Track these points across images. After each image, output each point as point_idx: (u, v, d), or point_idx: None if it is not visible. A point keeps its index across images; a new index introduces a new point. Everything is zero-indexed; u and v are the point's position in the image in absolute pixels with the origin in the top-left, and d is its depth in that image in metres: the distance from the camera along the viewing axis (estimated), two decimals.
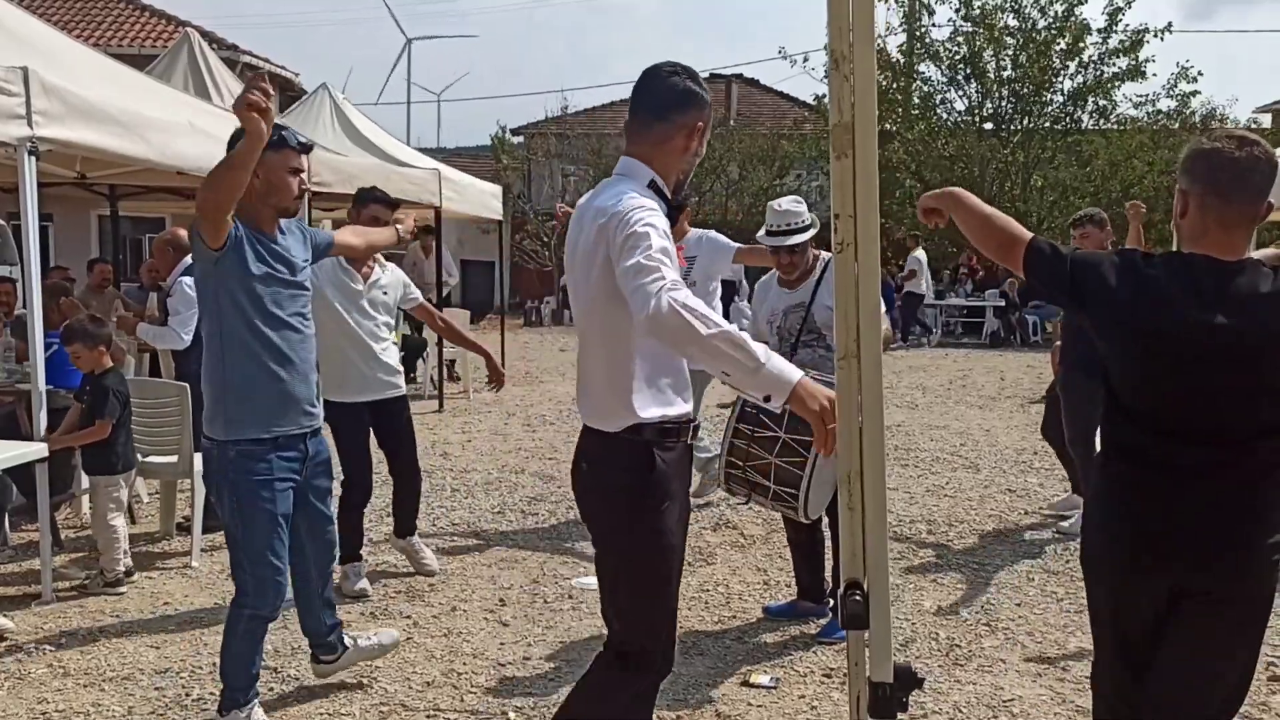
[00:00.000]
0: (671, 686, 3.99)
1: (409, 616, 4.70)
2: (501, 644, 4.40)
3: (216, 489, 3.40)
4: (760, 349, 2.28)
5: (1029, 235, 2.52)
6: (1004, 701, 3.90)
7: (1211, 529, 2.37)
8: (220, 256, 3.26)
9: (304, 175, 3.50)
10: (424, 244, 13.26)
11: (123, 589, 4.96)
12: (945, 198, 2.66)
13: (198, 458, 5.21)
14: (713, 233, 6.31)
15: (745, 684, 4.02)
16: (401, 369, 5.16)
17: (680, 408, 2.68)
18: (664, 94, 2.66)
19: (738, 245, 6.27)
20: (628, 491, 2.63)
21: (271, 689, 3.90)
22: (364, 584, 4.98)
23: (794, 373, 2.28)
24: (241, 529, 3.36)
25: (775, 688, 4.00)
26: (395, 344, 10.99)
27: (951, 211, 2.63)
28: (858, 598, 1.75)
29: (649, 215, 2.47)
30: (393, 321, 5.11)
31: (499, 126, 30.52)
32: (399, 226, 4.34)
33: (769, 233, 4.60)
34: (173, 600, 4.91)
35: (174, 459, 5.60)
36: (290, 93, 22.61)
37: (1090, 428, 6.08)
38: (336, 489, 4.14)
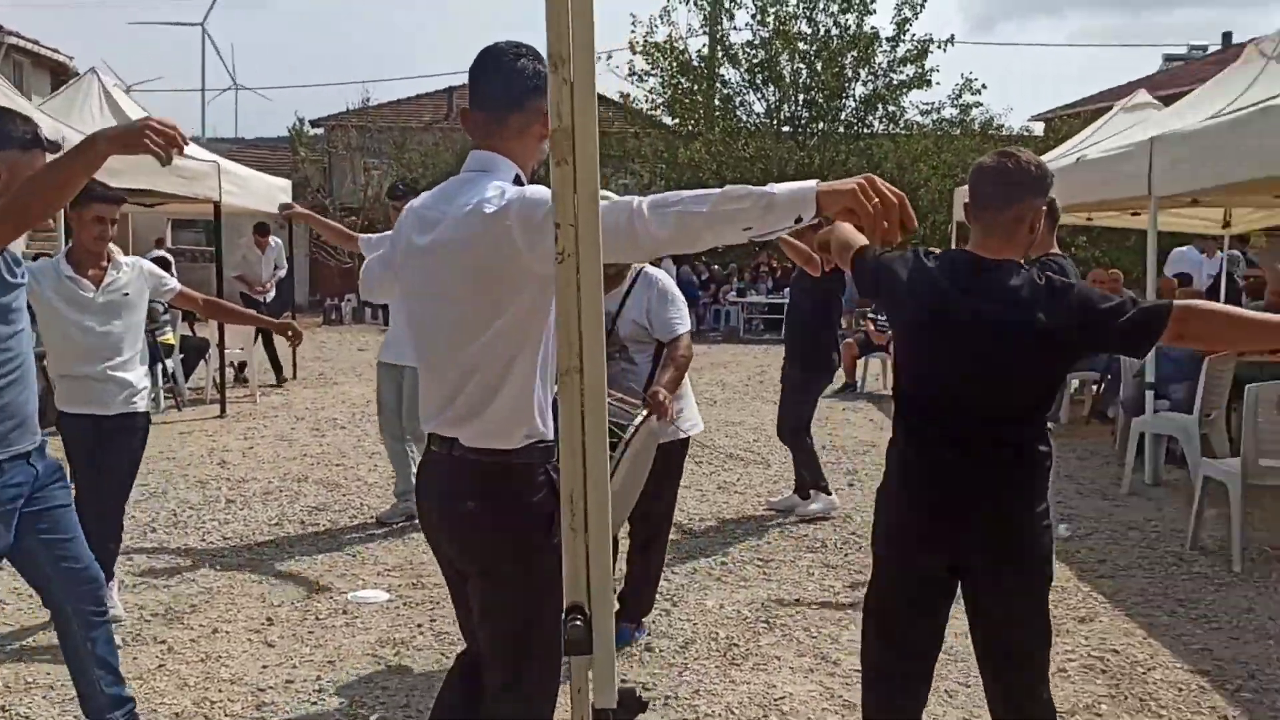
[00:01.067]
0: None
1: (164, 642, 4.39)
2: (264, 667, 4.16)
3: None
4: (756, 189, 2.08)
5: (859, 244, 2.82)
6: (775, 700, 3.94)
7: (982, 505, 2.63)
8: None
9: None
10: (257, 240, 12.83)
11: None
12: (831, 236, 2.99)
13: None
14: None
15: None
16: (144, 385, 4.63)
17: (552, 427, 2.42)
18: (517, 79, 2.39)
19: None
20: (535, 521, 2.34)
21: None
22: (115, 607, 4.61)
23: (805, 182, 2.08)
24: None
25: None
26: (172, 345, 10.34)
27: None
28: (579, 622, 1.68)
29: (542, 189, 2.25)
30: (142, 322, 4.63)
31: (297, 118, 29.39)
32: None
33: None
34: None
35: None
36: (63, 77, 21.16)
37: (801, 419, 6.58)
38: None
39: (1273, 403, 5.58)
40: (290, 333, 4.73)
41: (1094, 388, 10.34)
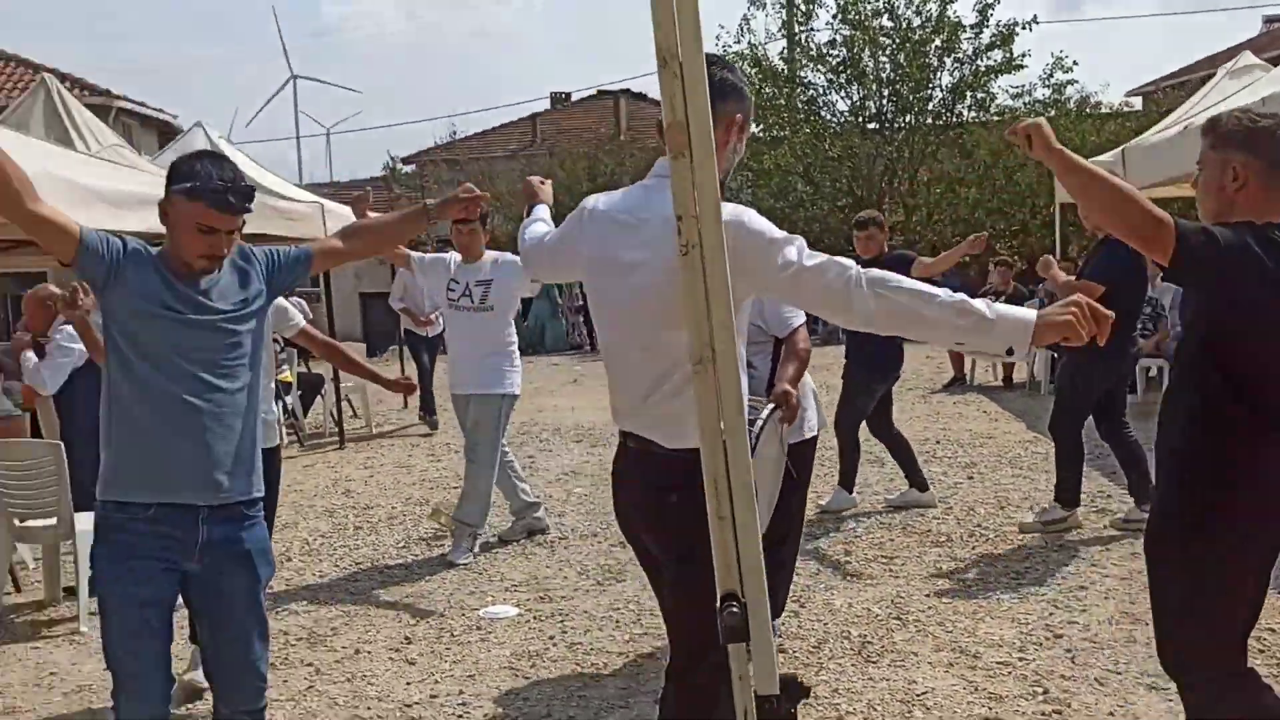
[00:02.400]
0: (582, 711, 3.91)
1: (310, 664, 4.52)
2: (408, 684, 4.26)
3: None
4: (980, 303, 2.19)
5: (1168, 217, 2.41)
6: (917, 695, 3.89)
7: None
8: (99, 279, 2.73)
9: (225, 236, 2.76)
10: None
11: None
12: (1052, 155, 2.51)
13: (81, 517, 4.99)
14: (508, 255, 5.96)
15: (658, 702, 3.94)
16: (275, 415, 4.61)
17: None
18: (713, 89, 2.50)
19: None
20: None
21: None
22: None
23: (1026, 312, 2.17)
24: (100, 613, 2.81)
25: None
26: (290, 382, 10.65)
27: (1059, 171, 2.54)
28: (734, 609, 1.70)
29: (760, 219, 2.35)
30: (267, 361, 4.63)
31: (390, 156, 30.17)
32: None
33: None
34: (59, 669, 4.66)
35: (53, 521, 5.34)
36: (168, 134, 22.08)
37: (857, 417, 6.69)
38: None
39: None
40: (403, 390, 4.81)
41: None
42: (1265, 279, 2.45)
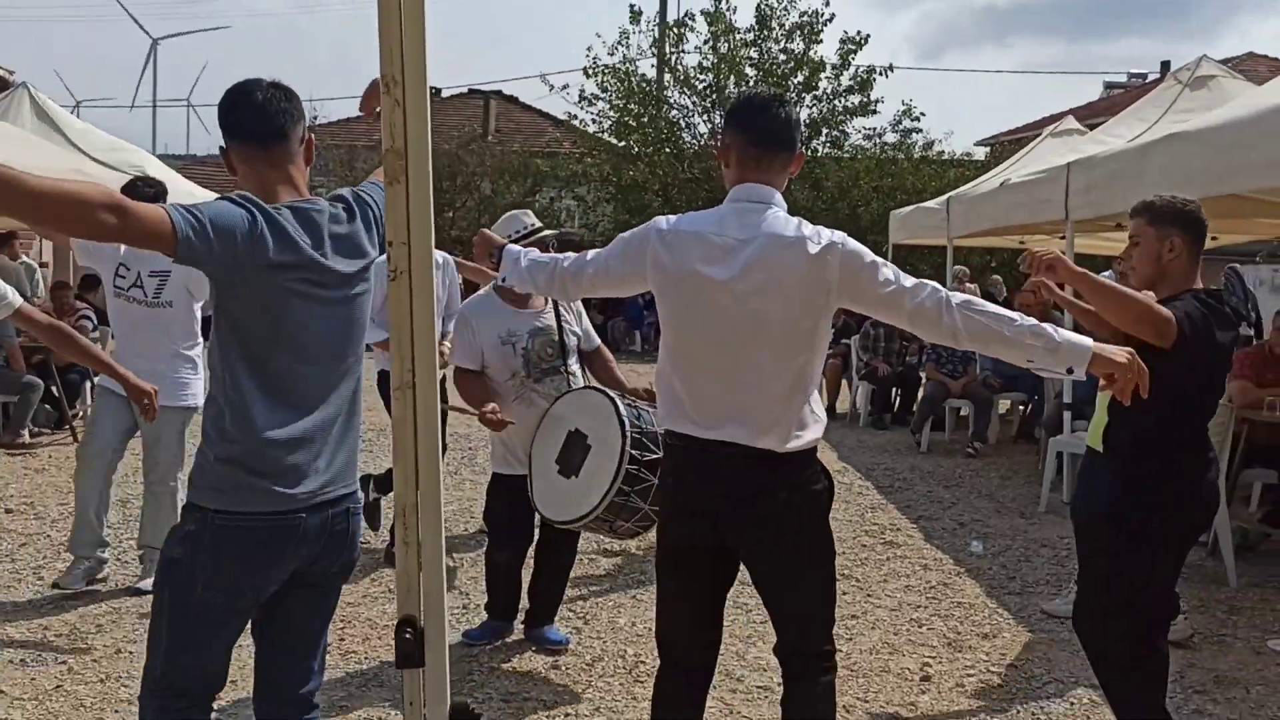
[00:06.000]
0: None
1: (64, 662, 4.33)
2: None
3: None
4: (1048, 328, 2.56)
5: (1168, 313, 3.06)
6: None
7: None
8: None
9: None
10: (10, 250, 11.50)
11: None
12: (1082, 280, 3.13)
13: None
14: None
15: None
16: None
17: None
18: (793, 128, 2.79)
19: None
20: (825, 500, 2.87)
21: None
22: None
23: (1084, 339, 2.56)
24: None
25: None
26: None
27: (1084, 291, 3.20)
28: (409, 635, 1.71)
29: (855, 242, 2.69)
30: None
31: None
32: None
33: (525, 234, 4.48)
34: None
35: None
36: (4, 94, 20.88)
37: None
38: None
39: None
40: (146, 401, 4.02)
41: (1021, 409, 10.51)
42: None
